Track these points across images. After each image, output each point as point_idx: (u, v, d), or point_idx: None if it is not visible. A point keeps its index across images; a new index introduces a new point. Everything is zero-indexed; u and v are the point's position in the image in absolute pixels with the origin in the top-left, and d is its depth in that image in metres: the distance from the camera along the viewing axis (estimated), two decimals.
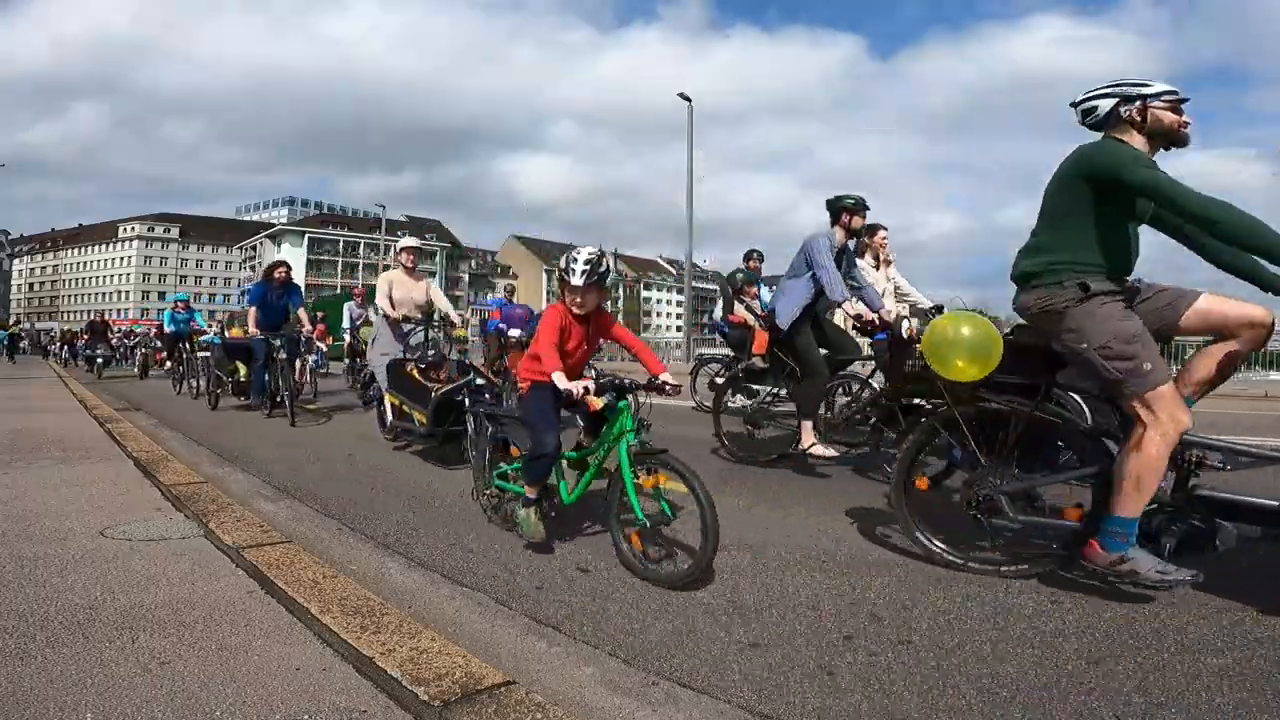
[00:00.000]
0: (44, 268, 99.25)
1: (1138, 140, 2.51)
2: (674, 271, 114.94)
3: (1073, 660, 2.01)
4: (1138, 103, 2.51)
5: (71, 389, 10.92)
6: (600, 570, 2.79)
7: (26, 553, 2.66)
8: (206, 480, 4.05)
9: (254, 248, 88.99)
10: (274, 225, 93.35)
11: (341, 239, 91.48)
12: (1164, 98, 2.50)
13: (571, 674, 1.95)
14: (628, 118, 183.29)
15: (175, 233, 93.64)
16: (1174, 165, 2.48)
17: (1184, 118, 2.52)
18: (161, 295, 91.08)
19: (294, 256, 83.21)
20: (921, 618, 2.31)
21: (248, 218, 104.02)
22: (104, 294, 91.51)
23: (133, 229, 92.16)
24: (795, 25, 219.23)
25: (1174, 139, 2.53)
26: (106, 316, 21.92)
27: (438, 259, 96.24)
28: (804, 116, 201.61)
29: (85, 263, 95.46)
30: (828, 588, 2.59)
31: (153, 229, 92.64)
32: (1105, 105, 2.56)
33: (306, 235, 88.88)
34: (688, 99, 23.69)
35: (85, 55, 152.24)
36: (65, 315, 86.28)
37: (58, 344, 31.17)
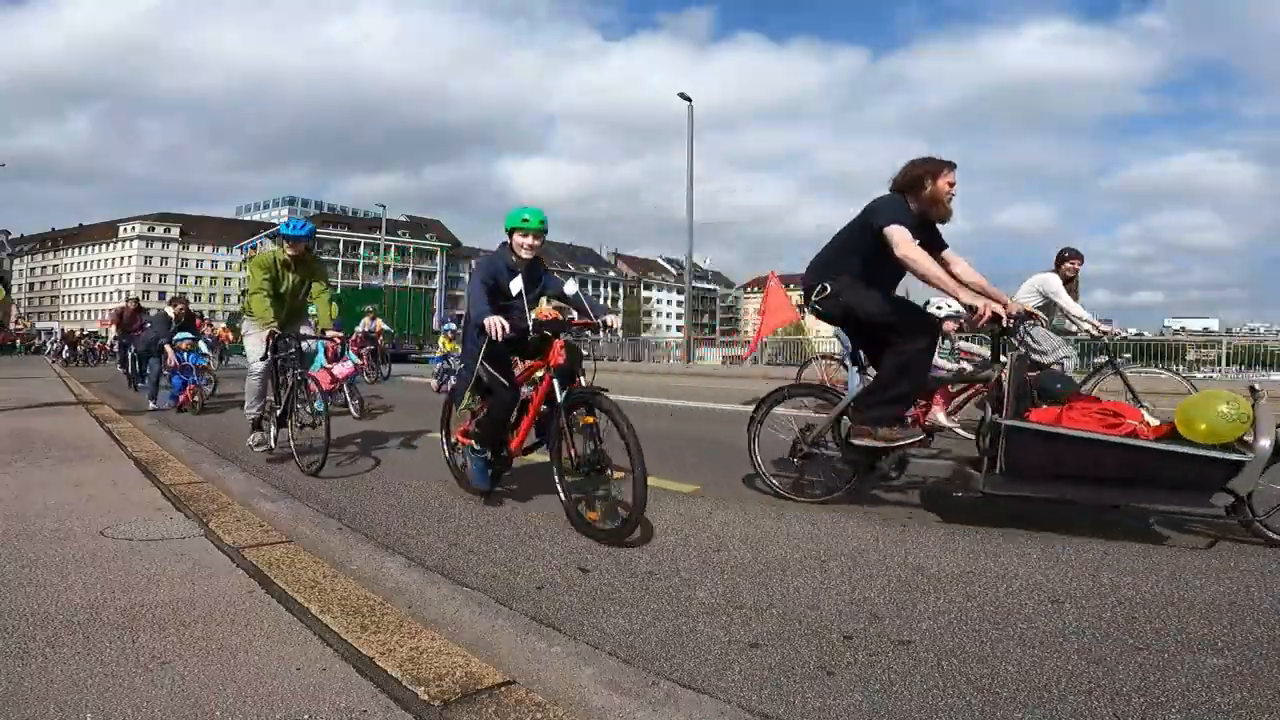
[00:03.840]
0: (44, 268, 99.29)
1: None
2: (674, 271, 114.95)
3: (1073, 660, 2.01)
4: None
5: (71, 388, 10.91)
6: (600, 570, 2.79)
7: (27, 553, 2.66)
8: (206, 480, 4.05)
9: (254, 248, 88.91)
10: (274, 225, 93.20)
11: (342, 239, 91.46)
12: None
13: (571, 674, 1.95)
14: (630, 121, 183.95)
15: (175, 233, 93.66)
16: (1174, 165, 2.52)
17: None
18: (162, 295, 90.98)
19: None
20: (921, 618, 2.31)
21: (248, 218, 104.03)
22: (104, 294, 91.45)
23: (133, 229, 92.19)
24: (798, 34, 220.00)
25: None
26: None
27: (438, 259, 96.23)
28: (804, 120, 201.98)
29: (85, 263, 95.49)
30: (828, 588, 2.59)
31: (153, 229, 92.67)
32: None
33: None
34: (688, 99, 23.69)
35: (87, 56, 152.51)
36: (65, 315, 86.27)
37: (63, 345, 29.48)
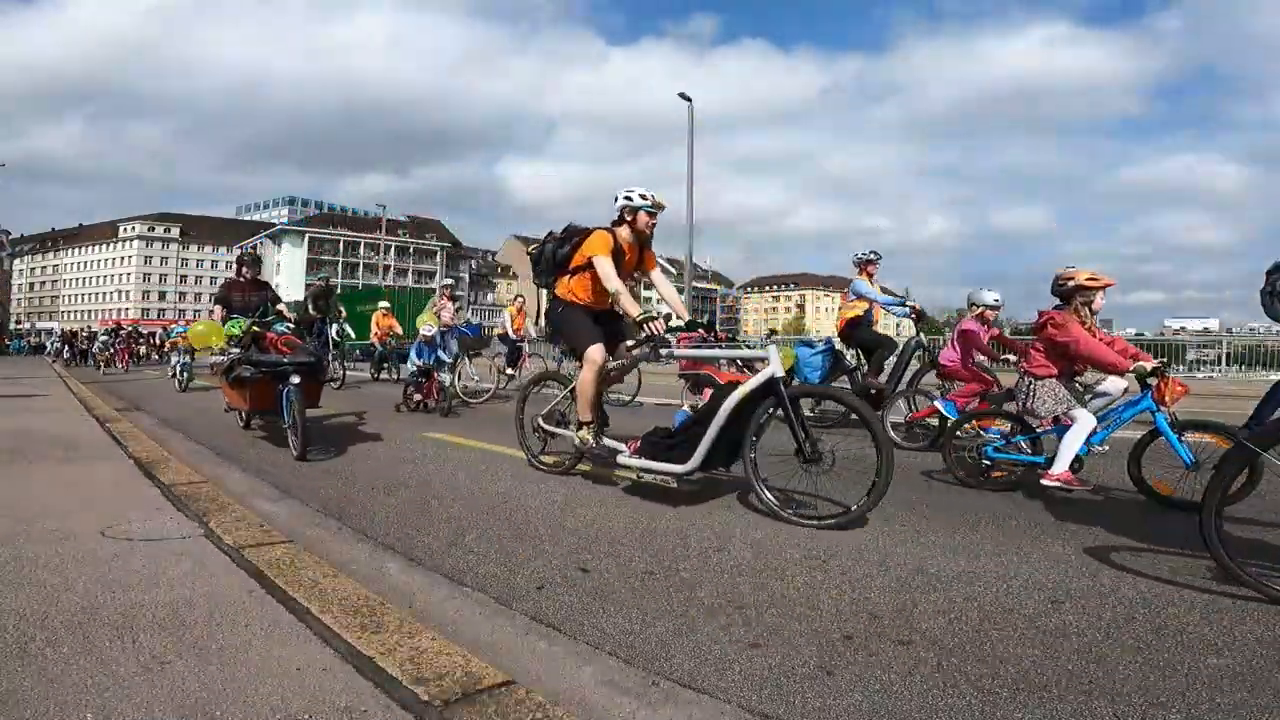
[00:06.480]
0: (44, 267, 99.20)
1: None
2: (674, 271, 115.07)
3: (1073, 660, 2.01)
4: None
5: (71, 388, 10.91)
6: (600, 570, 2.79)
7: (26, 553, 2.66)
8: (207, 480, 4.05)
9: (254, 248, 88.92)
10: (274, 225, 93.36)
11: (342, 239, 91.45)
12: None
13: (571, 674, 1.95)
14: (631, 124, 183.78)
15: (175, 233, 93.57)
16: (1161, 165, 2.52)
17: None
18: (162, 295, 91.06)
19: (294, 256, 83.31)
20: (921, 618, 2.31)
21: (248, 218, 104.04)
22: (104, 294, 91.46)
23: (133, 229, 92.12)
24: (800, 39, 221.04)
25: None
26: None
27: (438, 259, 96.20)
28: (805, 123, 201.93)
29: (85, 263, 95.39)
30: (828, 588, 2.60)
31: (153, 229, 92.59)
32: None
33: (306, 235, 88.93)
34: (688, 99, 23.69)
35: (88, 56, 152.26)
36: (65, 315, 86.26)
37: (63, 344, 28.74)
